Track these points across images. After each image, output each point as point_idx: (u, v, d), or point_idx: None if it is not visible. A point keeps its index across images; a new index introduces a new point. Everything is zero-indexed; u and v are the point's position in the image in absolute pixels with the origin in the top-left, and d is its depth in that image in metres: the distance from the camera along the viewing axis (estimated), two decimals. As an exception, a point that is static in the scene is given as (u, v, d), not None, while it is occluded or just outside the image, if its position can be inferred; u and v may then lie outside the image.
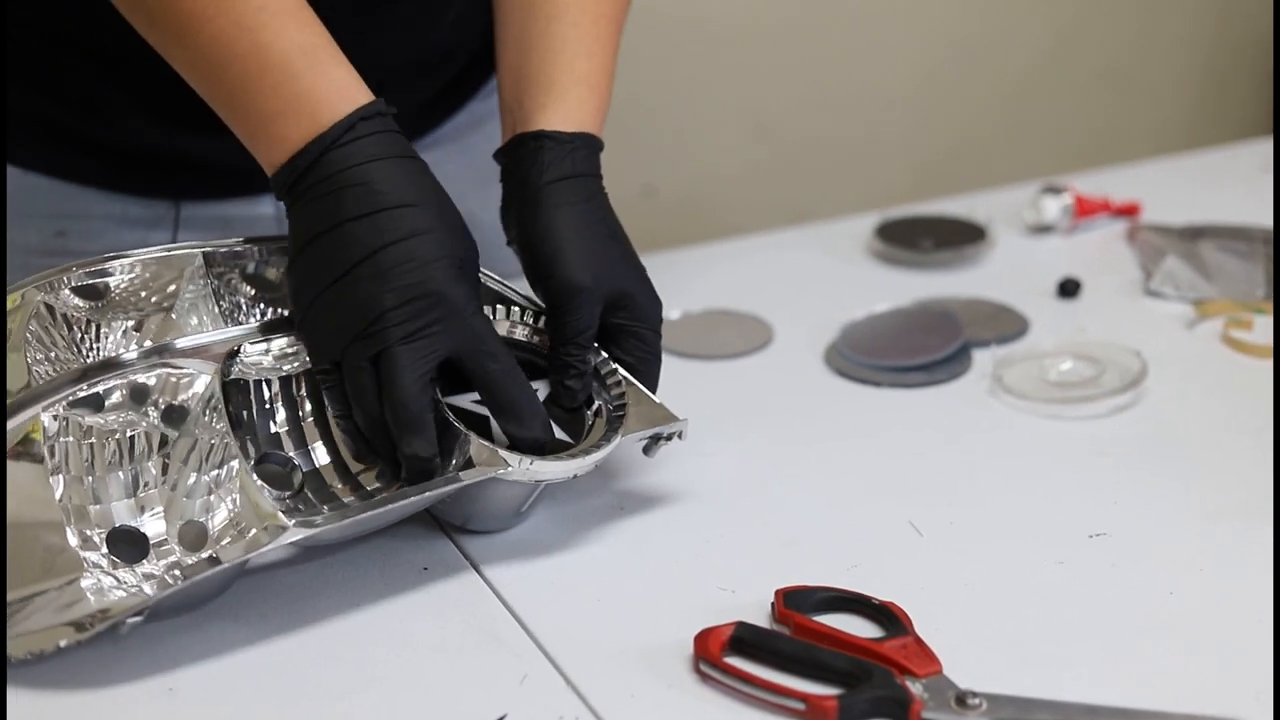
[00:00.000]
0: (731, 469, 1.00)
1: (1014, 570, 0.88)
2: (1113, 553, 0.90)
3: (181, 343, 0.90)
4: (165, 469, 0.87)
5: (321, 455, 0.91)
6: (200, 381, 0.89)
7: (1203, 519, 0.93)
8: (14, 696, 0.80)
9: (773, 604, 0.84)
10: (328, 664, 0.82)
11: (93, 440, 0.86)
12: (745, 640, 0.80)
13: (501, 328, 0.94)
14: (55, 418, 0.86)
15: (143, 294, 0.92)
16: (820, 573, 0.86)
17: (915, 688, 0.77)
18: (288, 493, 0.88)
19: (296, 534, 0.82)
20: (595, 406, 0.93)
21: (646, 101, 1.90)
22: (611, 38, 1.01)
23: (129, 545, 0.84)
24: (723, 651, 0.79)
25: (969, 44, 2.09)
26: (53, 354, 0.89)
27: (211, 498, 0.86)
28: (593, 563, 0.90)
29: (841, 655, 0.79)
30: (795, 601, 0.83)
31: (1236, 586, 0.86)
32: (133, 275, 0.92)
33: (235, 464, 0.86)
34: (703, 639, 0.80)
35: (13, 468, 0.84)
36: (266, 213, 1.17)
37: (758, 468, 1.00)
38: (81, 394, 0.87)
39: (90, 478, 0.86)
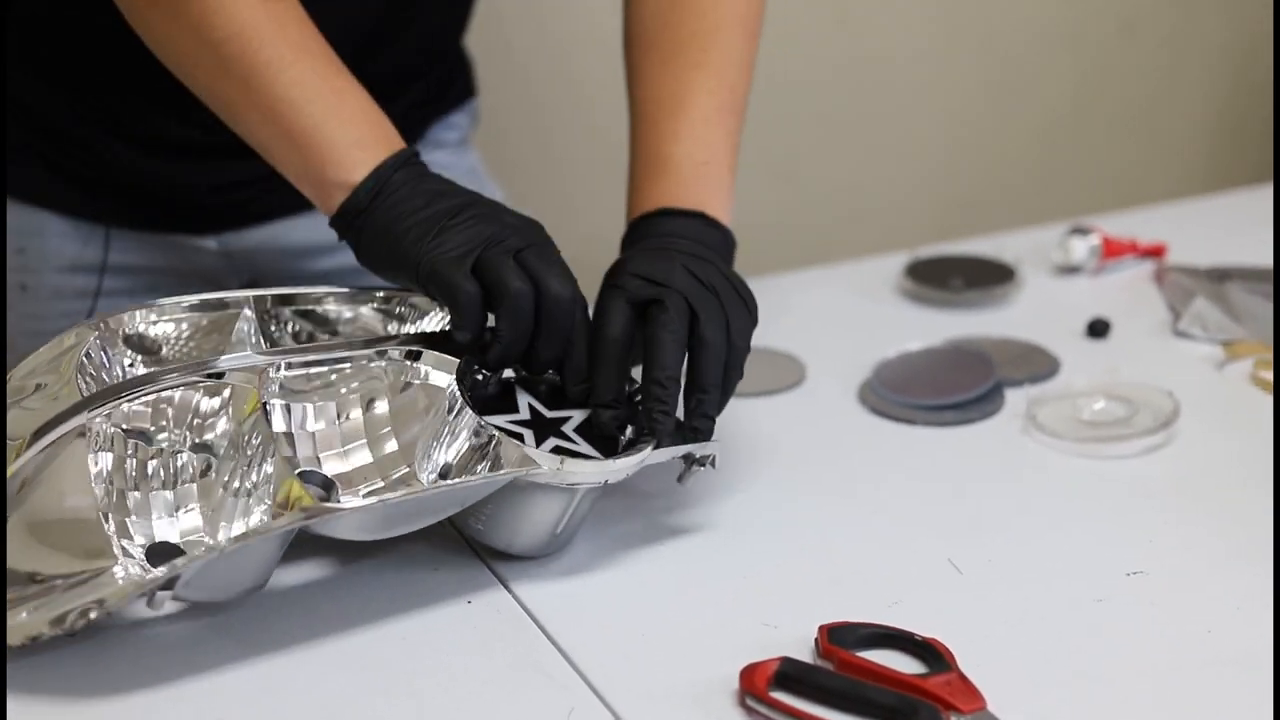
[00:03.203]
0: (768, 504, 1.00)
1: (1054, 608, 0.89)
2: (1150, 591, 0.91)
3: (219, 363, 0.92)
4: (206, 490, 0.89)
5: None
6: (238, 397, 0.90)
7: (1238, 558, 0.93)
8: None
9: (816, 639, 0.84)
10: (375, 696, 0.83)
11: (137, 457, 0.88)
12: (790, 676, 0.81)
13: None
14: (102, 430, 0.87)
15: (193, 354, 0.95)
16: (861, 609, 0.87)
17: (960, 724, 0.78)
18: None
19: (333, 507, 0.85)
20: (629, 434, 0.94)
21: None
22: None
23: (165, 557, 0.86)
24: (769, 686, 0.80)
25: (993, 88, 2.10)
26: (102, 378, 0.91)
27: (250, 500, 0.88)
28: (635, 597, 0.91)
29: (888, 691, 0.79)
30: (839, 637, 0.84)
31: (1273, 625, 0.87)
32: (183, 332, 0.95)
33: (271, 468, 0.87)
34: (749, 674, 0.80)
35: (57, 465, 0.86)
36: (207, 246, 1.24)
37: (795, 502, 1.01)
38: (124, 406, 0.88)
39: (135, 493, 0.88)
